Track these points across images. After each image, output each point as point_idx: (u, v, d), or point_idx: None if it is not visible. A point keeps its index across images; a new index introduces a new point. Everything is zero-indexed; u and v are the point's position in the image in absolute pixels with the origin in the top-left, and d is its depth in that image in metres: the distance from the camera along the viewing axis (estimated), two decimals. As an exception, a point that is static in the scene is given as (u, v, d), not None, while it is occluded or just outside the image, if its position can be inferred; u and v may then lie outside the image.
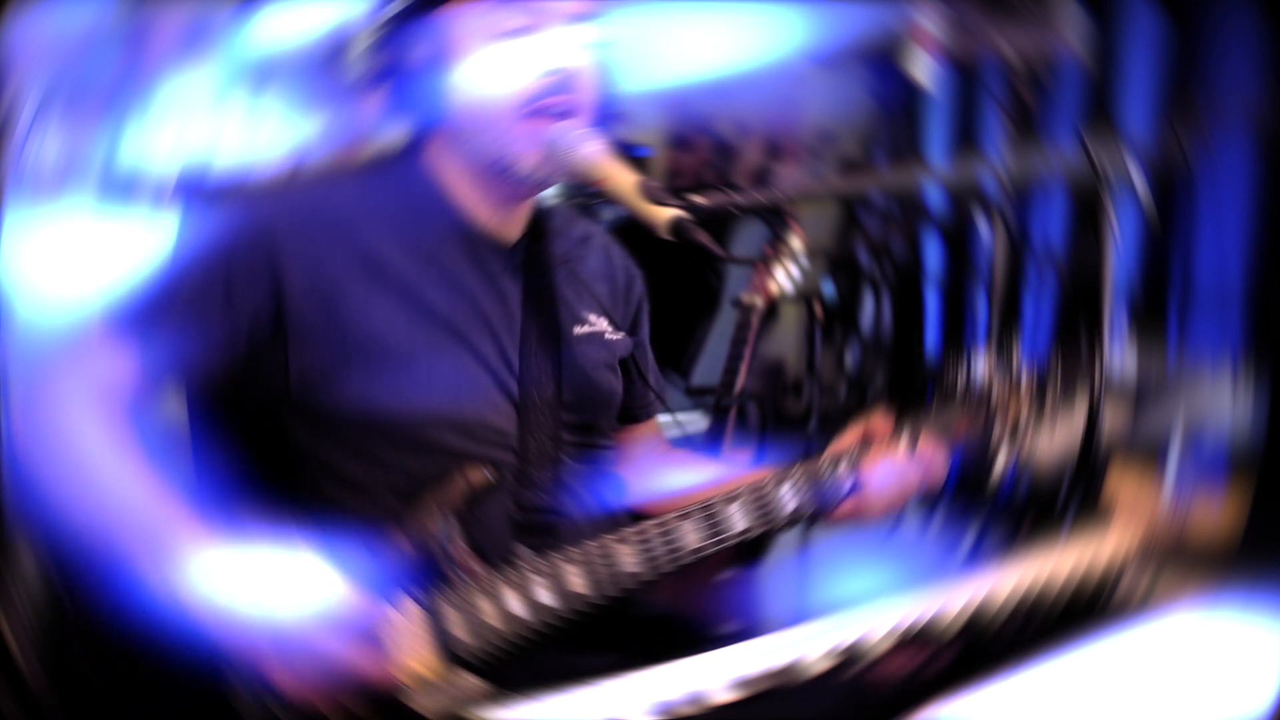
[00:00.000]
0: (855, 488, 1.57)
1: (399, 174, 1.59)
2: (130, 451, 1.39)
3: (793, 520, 1.55)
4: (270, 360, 1.47)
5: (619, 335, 1.69)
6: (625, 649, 1.56)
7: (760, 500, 1.54)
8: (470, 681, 1.40)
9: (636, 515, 1.61)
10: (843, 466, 1.57)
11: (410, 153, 1.59)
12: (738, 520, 1.52)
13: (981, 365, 1.61)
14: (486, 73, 1.51)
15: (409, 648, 1.38)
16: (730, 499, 1.53)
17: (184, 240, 1.51)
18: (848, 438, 1.61)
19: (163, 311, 1.44)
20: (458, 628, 1.42)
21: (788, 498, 1.55)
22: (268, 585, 1.33)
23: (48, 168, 2.06)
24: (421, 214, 1.56)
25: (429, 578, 1.43)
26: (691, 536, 1.50)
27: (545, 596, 1.45)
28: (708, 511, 1.51)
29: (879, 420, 1.61)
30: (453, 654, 1.41)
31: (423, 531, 1.45)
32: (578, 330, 1.64)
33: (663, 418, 1.84)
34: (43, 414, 1.40)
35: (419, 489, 1.46)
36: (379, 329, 1.48)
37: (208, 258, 1.46)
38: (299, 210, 1.52)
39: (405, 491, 1.47)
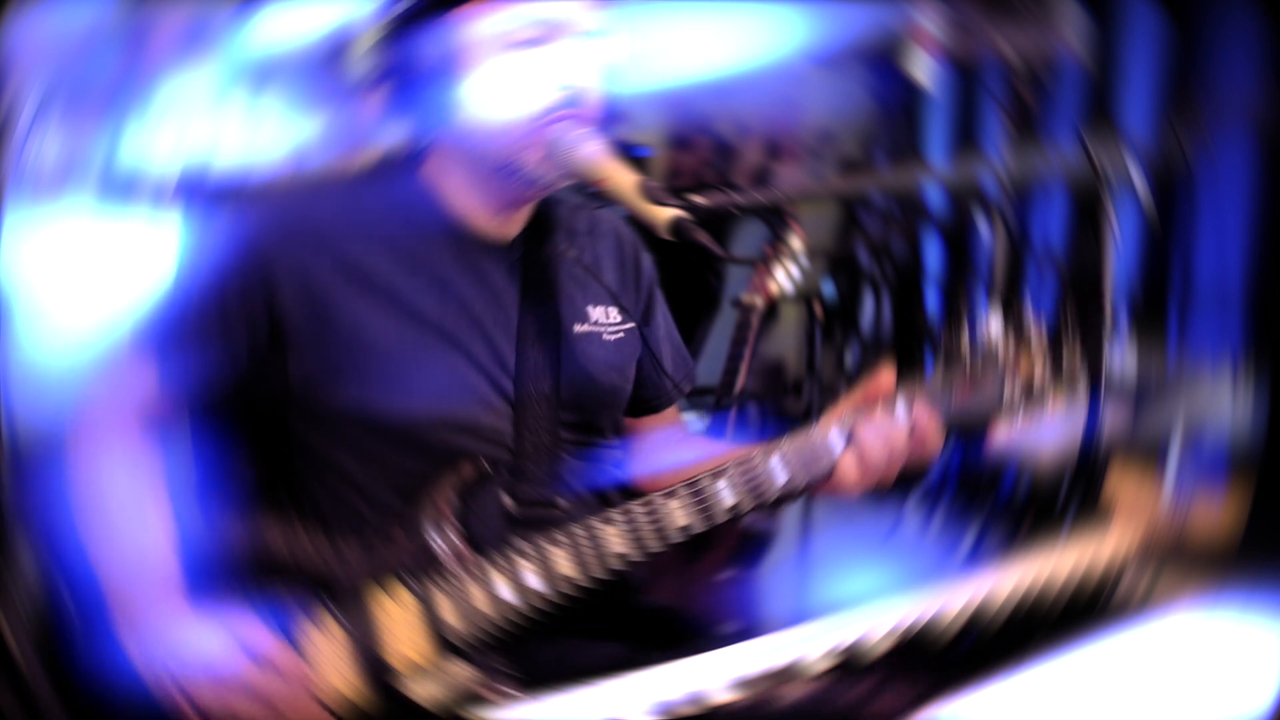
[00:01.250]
0: (846, 454, 1.50)
1: (392, 181, 1.59)
2: (147, 493, 1.46)
3: (785, 494, 1.50)
4: (271, 365, 1.50)
5: (623, 332, 1.68)
6: (623, 640, 1.57)
7: (749, 474, 1.49)
8: (463, 668, 1.41)
9: (628, 496, 1.60)
10: (834, 435, 1.52)
11: (409, 159, 1.60)
12: (726, 496, 1.48)
13: (991, 324, 1.53)
14: (497, 86, 1.52)
15: (403, 636, 1.40)
16: (717, 474, 1.48)
17: (181, 263, 1.54)
18: (843, 404, 1.55)
19: (165, 340, 1.49)
20: (450, 615, 1.43)
21: (777, 470, 1.50)
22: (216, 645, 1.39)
23: (48, 168, 2.06)
24: (413, 220, 1.56)
25: (422, 567, 1.45)
26: (678, 514, 1.47)
27: (533, 581, 1.45)
28: (694, 489, 1.47)
29: (883, 376, 1.54)
30: (446, 641, 1.42)
31: (416, 522, 1.46)
32: (578, 328, 1.63)
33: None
34: (71, 440, 1.46)
35: (416, 486, 1.48)
36: (370, 334, 1.50)
37: (202, 289, 1.50)
38: (289, 223, 1.54)
39: (403, 489, 1.49)
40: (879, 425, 1.51)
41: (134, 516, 1.45)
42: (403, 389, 1.50)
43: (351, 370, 1.49)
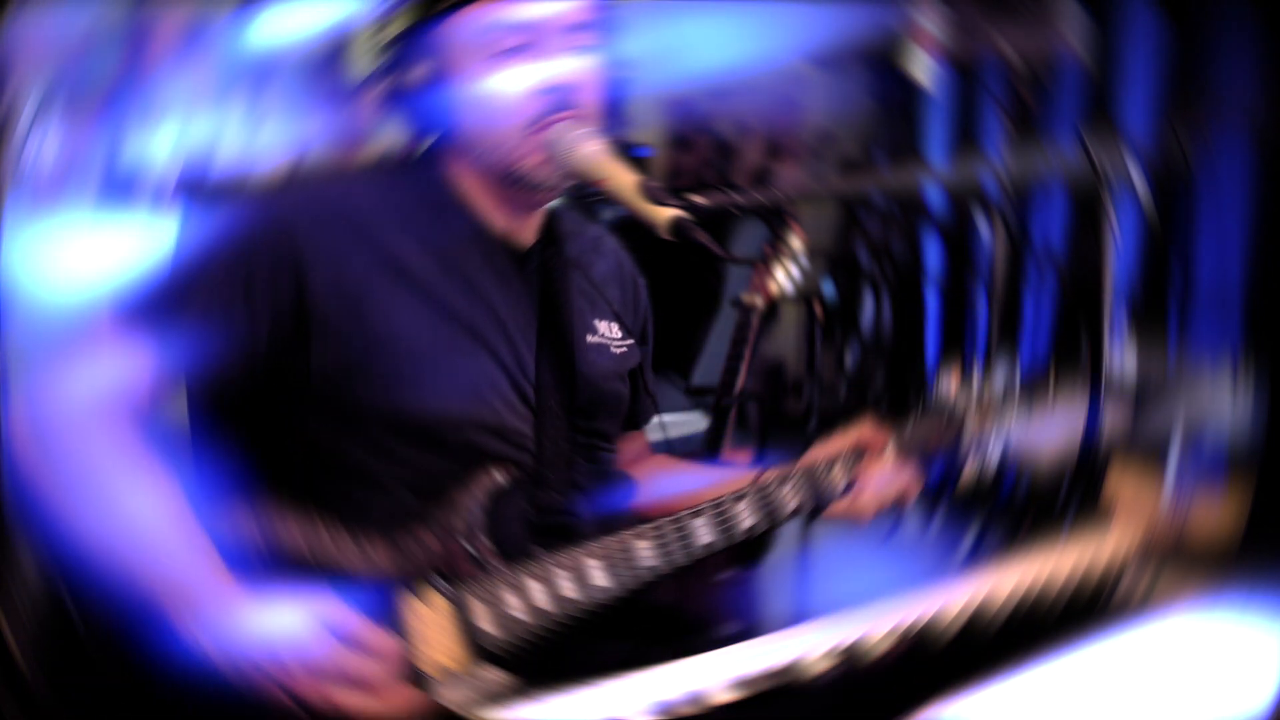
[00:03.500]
0: (848, 489, 1.66)
1: (419, 178, 1.59)
2: (145, 471, 1.39)
3: (793, 516, 1.62)
4: (292, 355, 1.48)
5: (627, 345, 1.70)
6: (624, 640, 1.57)
7: (765, 498, 1.59)
8: (495, 674, 1.41)
9: (643, 514, 1.61)
10: (838, 469, 1.65)
11: (429, 159, 1.60)
12: (746, 517, 1.57)
13: (946, 381, 1.69)
14: (493, 92, 1.52)
15: (434, 641, 1.40)
16: (738, 497, 1.57)
17: (196, 234, 1.51)
18: (837, 442, 1.68)
19: (178, 305, 1.44)
20: (483, 620, 1.43)
21: (789, 496, 1.61)
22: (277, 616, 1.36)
23: (48, 168, 2.06)
24: (442, 218, 1.57)
25: (452, 571, 1.45)
26: (704, 533, 1.54)
27: (569, 589, 1.47)
28: (719, 509, 1.56)
29: (870, 430, 1.68)
30: (478, 646, 1.42)
31: (444, 526, 1.46)
32: (589, 339, 1.66)
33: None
34: (52, 419, 1.40)
35: (436, 486, 1.47)
36: (400, 328, 1.49)
37: (226, 251, 1.47)
38: (321, 207, 1.53)
39: (422, 488, 1.48)
40: (877, 465, 1.66)
41: (152, 507, 1.38)
42: (431, 386, 1.49)
43: (379, 363, 1.48)
